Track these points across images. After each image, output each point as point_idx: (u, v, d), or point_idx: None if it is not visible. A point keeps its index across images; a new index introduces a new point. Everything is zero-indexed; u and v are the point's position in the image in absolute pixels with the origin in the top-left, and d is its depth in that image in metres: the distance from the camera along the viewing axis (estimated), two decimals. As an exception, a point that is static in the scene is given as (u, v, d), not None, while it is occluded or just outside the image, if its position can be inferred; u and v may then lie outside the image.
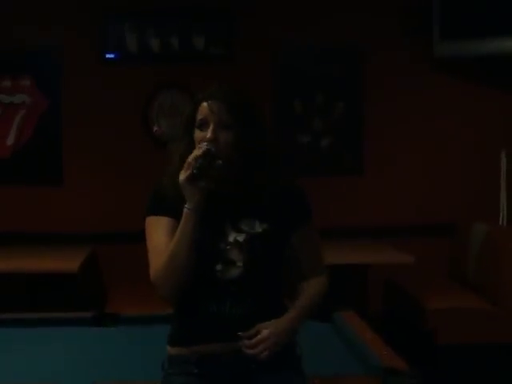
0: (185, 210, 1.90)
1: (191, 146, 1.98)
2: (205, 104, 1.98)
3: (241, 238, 1.97)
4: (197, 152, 1.89)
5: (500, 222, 5.30)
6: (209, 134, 1.93)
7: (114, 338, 2.89)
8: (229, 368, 1.96)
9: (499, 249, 4.59)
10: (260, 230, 1.98)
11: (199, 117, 1.98)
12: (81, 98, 5.18)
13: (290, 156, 5.11)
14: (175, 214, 1.95)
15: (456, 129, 5.36)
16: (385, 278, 5.18)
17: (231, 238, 1.97)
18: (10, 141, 5.14)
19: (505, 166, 5.32)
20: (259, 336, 1.93)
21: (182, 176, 1.89)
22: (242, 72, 5.06)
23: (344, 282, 4.17)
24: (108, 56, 5.17)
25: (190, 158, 1.89)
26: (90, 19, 5.13)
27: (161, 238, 1.97)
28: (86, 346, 2.79)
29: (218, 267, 1.95)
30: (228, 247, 1.96)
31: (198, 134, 1.98)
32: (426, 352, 4.37)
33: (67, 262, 4.41)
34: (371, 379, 2.23)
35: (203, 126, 1.97)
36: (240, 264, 1.96)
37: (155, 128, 5.24)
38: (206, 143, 1.90)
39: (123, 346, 2.80)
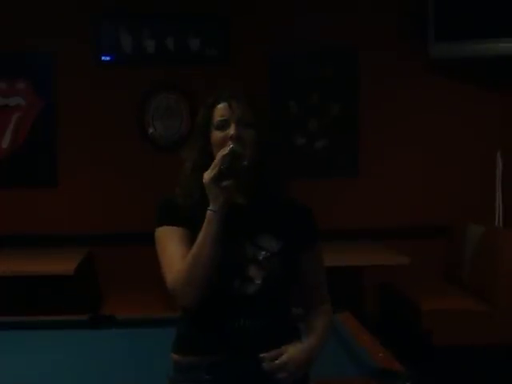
0: (208, 212, 1.84)
1: (206, 151, 1.95)
2: (223, 105, 1.94)
3: (260, 255, 1.93)
4: (223, 151, 1.84)
5: (496, 224, 5.31)
6: (232, 131, 1.89)
7: (109, 340, 2.88)
8: (238, 374, 1.92)
9: (495, 250, 4.59)
10: (277, 248, 1.95)
11: (218, 118, 1.94)
12: (76, 100, 5.18)
13: (286, 159, 5.11)
14: (188, 225, 1.92)
15: (451, 130, 5.36)
16: (381, 279, 5.19)
17: (249, 254, 1.93)
18: (6, 143, 5.14)
19: (500, 167, 5.33)
20: (280, 360, 1.88)
21: (208, 176, 1.83)
22: (238, 73, 5.06)
23: (340, 283, 4.17)
24: (103, 58, 5.17)
25: (217, 159, 1.84)
26: (85, 21, 5.12)
27: (177, 247, 1.90)
28: (82, 348, 2.79)
29: (236, 283, 1.91)
30: (246, 263, 1.92)
31: (217, 134, 1.93)
32: (421, 353, 4.37)
33: (63, 264, 4.40)
34: (367, 381, 2.23)
35: (223, 126, 1.92)
36: (258, 281, 1.92)
37: (151, 130, 5.23)
38: (231, 143, 1.86)
39: (119, 348, 2.80)
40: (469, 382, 4.04)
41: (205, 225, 1.85)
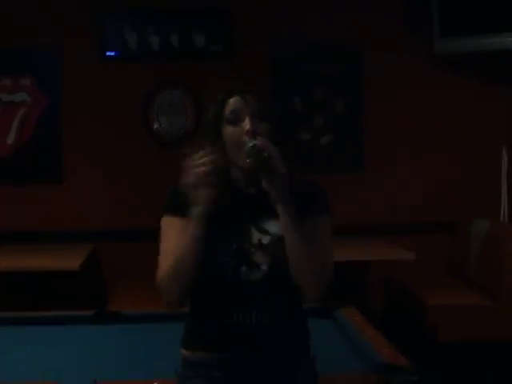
0: (191, 214, 1.85)
1: (217, 146, 1.91)
2: (235, 98, 1.92)
3: (265, 239, 1.91)
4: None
5: (501, 219, 5.30)
6: (248, 126, 1.87)
7: (115, 336, 2.89)
8: (247, 370, 1.91)
9: (500, 246, 4.58)
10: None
11: (230, 112, 1.92)
12: (81, 97, 5.19)
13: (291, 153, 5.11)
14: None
15: (456, 125, 5.36)
16: (385, 274, 5.19)
17: (255, 240, 1.91)
18: (10, 139, 5.15)
19: (506, 163, 5.32)
20: None
21: (185, 182, 1.83)
22: (242, 69, 5.06)
23: (345, 278, 4.18)
24: (108, 54, 5.17)
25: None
26: (89, 17, 5.13)
27: (171, 239, 1.90)
28: (87, 344, 2.79)
29: (243, 269, 1.89)
30: (252, 249, 1.90)
31: (230, 129, 1.91)
32: (426, 349, 4.38)
33: (68, 260, 4.41)
34: (372, 376, 2.23)
35: (236, 120, 1.90)
36: (264, 267, 1.89)
37: (156, 126, 5.24)
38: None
39: (124, 344, 2.80)
40: (473, 377, 4.04)
41: (188, 226, 1.85)
